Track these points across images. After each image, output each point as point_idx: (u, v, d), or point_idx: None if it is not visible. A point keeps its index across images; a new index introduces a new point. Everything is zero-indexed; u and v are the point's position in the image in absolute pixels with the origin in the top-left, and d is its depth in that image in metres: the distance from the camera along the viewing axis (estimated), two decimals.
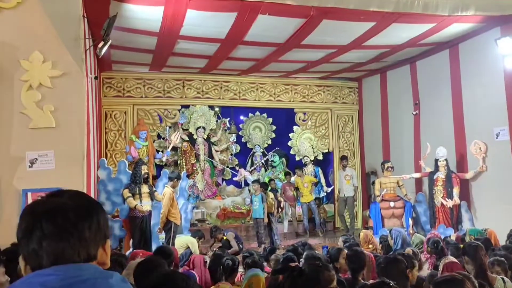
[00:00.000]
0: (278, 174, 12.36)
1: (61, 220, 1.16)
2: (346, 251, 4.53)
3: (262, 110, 12.65)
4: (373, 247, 7.07)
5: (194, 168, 11.57)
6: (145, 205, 7.55)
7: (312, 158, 12.11)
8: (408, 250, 5.11)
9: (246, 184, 11.98)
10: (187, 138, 11.60)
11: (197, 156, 11.66)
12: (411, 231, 8.79)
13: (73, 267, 1.14)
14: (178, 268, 5.32)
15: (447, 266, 3.86)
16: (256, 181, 10.10)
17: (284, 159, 12.73)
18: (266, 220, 9.25)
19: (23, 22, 5.45)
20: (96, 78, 7.54)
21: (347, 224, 11.23)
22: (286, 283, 2.54)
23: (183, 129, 11.64)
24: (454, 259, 4.01)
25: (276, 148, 12.71)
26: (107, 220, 1.28)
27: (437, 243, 5.68)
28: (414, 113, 10.36)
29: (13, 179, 5.28)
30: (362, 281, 3.86)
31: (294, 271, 2.57)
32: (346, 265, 4.28)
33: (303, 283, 2.49)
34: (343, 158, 11.64)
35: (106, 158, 9.52)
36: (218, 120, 12.25)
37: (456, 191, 8.66)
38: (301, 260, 4.68)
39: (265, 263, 5.30)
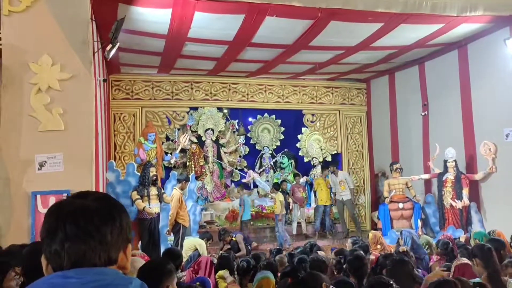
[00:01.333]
0: (287, 176, 12.34)
1: (84, 223, 1.15)
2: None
3: (270, 111, 12.64)
4: (381, 247, 7.03)
5: (202, 170, 11.58)
6: (154, 207, 7.58)
7: (321, 160, 12.10)
8: (402, 248, 5.08)
9: (255, 185, 11.99)
10: (195, 140, 11.62)
11: (205, 158, 11.67)
12: (420, 233, 8.73)
13: (94, 271, 1.14)
14: (184, 270, 5.34)
15: (459, 267, 3.82)
16: (239, 184, 10.30)
17: (292, 161, 12.70)
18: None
19: (32, 25, 5.49)
20: (104, 80, 7.60)
21: (346, 226, 11.16)
22: None
23: (192, 131, 11.66)
24: (467, 261, 3.96)
25: (285, 150, 12.69)
26: (130, 224, 1.27)
27: (447, 245, 5.63)
28: (423, 114, 10.30)
29: (22, 181, 5.31)
30: None
31: (297, 278, 2.64)
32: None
33: None
34: (328, 165, 11.37)
35: (114, 160, 9.57)
36: (227, 122, 12.25)
37: (465, 192, 8.60)
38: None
39: None
